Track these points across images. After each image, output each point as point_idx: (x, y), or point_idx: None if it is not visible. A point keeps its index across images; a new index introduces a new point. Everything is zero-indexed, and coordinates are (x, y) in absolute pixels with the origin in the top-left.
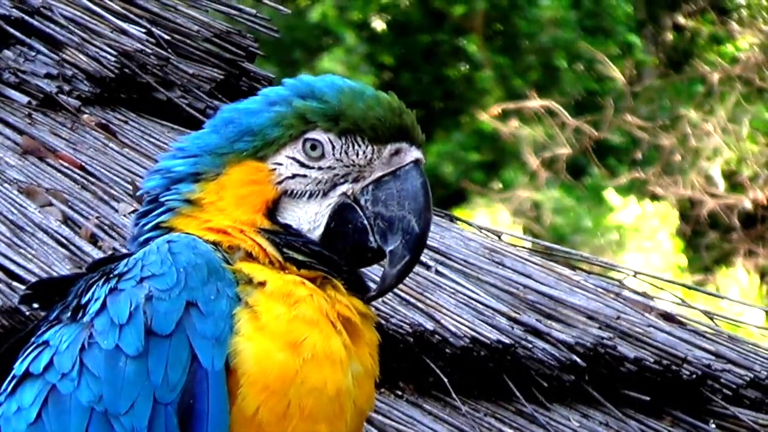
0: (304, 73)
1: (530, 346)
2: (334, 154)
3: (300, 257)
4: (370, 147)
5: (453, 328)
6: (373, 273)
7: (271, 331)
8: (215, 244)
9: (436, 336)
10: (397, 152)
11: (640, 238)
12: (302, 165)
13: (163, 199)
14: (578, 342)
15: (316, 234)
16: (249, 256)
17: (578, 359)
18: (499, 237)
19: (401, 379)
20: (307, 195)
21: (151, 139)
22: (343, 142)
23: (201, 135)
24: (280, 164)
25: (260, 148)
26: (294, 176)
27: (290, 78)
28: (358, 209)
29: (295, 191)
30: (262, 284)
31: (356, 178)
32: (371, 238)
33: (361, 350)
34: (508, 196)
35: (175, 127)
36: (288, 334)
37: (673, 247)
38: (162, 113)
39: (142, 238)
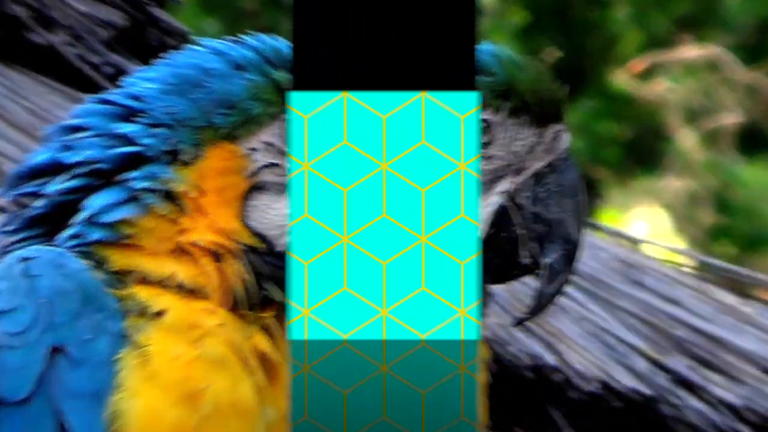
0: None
1: (679, 402)
2: None
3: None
4: None
5: (579, 366)
6: None
7: (164, 380)
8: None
9: (558, 374)
10: None
11: None
12: (280, 152)
13: (135, 185)
14: (748, 405)
15: (280, 243)
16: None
17: (746, 430)
18: (637, 245)
19: (516, 424)
20: (276, 189)
21: (25, 102)
22: None
23: (158, 95)
24: (255, 149)
25: (237, 126)
26: (270, 165)
27: (242, 35)
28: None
29: (267, 184)
30: (159, 314)
31: None
32: None
33: (278, 392)
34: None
35: (60, 86)
36: (185, 383)
37: None
38: (39, 64)
39: (96, 235)
